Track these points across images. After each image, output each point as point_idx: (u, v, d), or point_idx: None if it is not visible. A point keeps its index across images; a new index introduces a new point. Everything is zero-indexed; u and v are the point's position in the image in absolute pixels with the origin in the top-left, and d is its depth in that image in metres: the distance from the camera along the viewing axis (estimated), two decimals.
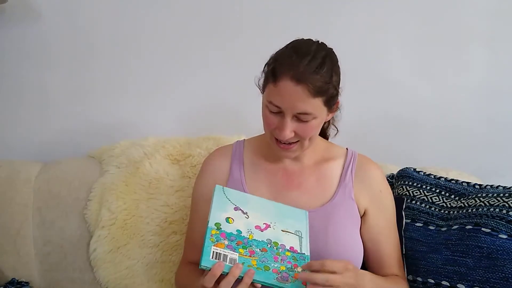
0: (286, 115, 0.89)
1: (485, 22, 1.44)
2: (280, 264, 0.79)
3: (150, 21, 1.45)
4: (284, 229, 0.85)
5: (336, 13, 1.45)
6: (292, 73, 0.86)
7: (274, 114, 0.91)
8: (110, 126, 1.48)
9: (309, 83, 0.86)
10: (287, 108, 0.88)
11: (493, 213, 1.02)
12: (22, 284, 1.17)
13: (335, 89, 0.92)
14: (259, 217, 0.85)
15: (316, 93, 0.87)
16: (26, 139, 1.48)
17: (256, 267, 0.77)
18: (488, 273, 0.96)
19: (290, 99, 0.87)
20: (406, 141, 1.51)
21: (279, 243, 0.83)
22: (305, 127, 0.91)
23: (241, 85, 1.25)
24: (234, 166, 1.04)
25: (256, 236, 0.82)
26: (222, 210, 0.84)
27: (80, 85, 1.47)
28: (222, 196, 0.86)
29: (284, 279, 0.78)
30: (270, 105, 0.91)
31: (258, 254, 0.79)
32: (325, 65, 0.89)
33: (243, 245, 0.79)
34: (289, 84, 0.87)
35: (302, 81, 0.86)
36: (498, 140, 1.49)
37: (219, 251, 0.77)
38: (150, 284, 1.17)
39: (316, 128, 0.93)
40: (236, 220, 0.83)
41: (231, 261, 0.76)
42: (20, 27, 1.43)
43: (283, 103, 0.88)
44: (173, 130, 1.47)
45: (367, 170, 1.04)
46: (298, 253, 0.82)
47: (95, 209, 1.21)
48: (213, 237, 0.79)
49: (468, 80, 1.47)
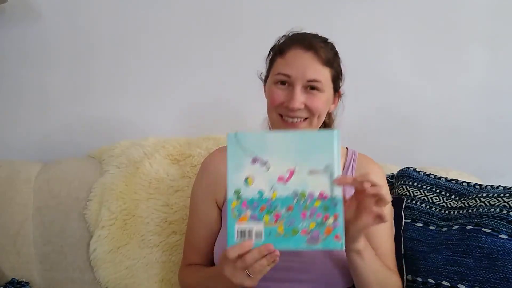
0: (296, 84, 0.89)
1: (485, 22, 1.45)
2: (310, 220, 0.73)
3: (150, 21, 1.45)
4: (312, 169, 0.74)
5: (336, 13, 1.45)
6: (301, 42, 0.90)
7: (282, 89, 0.91)
8: (110, 126, 1.48)
9: (319, 50, 0.89)
10: (297, 75, 0.89)
11: (493, 213, 1.01)
12: (22, 284, 1.17)
13: (340, 68, 0.95)
14: (282, 161, 0.75)
15: (325, 61, 0.90)
16: (26, 139, 1.48)
17: (283, 234, 0.73)
18: (488, 273, 0.96)
19: (300, 66, 0.89)
20: (406, 141, 1.50)
21: (307, 192, 0.74)
22: (314, 99, 0.90)
23: (241, 85, 1.26)
24: None
25: (280, 192, 0.74)
26: (239, 169, 0.75)
27: (80, 85, 1.47)
28: (236, 147, 0.75)
29: (314, 240, 0.73)
30: (278, 76, 0.91)
31: (284, 216, 0.74)
32: (328, 42, 0.93)
33: (267, 210, 0.74)
34: (298, 51, 0.89)
35: (311, 48, 0.89)
36: (498, 140, 1.49)
37: (244, 228, 0.73)
38: (150, 284, 1.17)
39: (324, 104, 0.92)
40: (256, 177, 0.75)
41: (257, 235, 0.73)
42: (20, 27, 1.43)
43: (293, 71, 0.89)
44: (173, 130, 1.46)
45: (368, 168, 1.03)
46: (329, 199, 0.73)
47: (95, 209, 1.21)
48: (234, 211, 0.74)
49: (468, 80, 1.47)
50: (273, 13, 1.45)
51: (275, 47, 0.97)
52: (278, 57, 0.94)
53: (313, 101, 0.90)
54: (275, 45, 0.97)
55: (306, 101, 0.90)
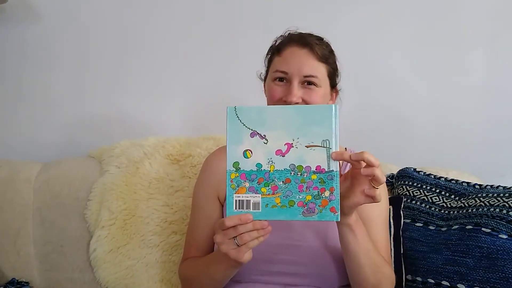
0: (293, 79, 0.93)
1: (485, 22, 1.44)
2: (306, 193, 0.75)
3: (150, 22, 1.45)
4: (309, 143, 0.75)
5: (336, 13, 1.45)
6: (297, 40, 0.94)
7: (281, 85, 0.95)
8: (110, 126, 1.48)
9: (314, 47, 0.93)
10: (294, 71, 0.93)
11: (493, 213, 1.02)
12: (22, 284, 1.17)
13: (335, 64, 0.98)
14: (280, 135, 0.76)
15: (320, 57, 0.93)
16: (26, 139, 1.48)
17: (280, 205, 0.75)
18: (488, 273, 0.96)
19: (297, 62, 0.93)
20: (406, 141, 1.50)
21: (304, 165, 0.75)
22: (311, 93, 0.93)
23: (241, 85, 1.26)
24: None
25: (277, 165, 0.76)
26: (238, 142, 0.76)
27: (80, 85, 1.47)
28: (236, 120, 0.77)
29: (311, 211, 0.74)
30: (276, 73, 0.95)
31: (281, 188, 0.75)
32: (324, 40, 0.98)
33: (265, 182, 0.76)
34: (294, 49, 0.94)
35: (307, 45, 0.93)
36: (498, 140, 1.49)
37: (242, 198, 0.75)
38: (150, 284, 1.17)
39: (321, 98, 0.95)
40: (254, 151, 0.76)
41: (255, 206, 0.75)
42: (20, 27, 1.43)
43: (290, 67, 0.93)
44: (173, 130, 1.47)
45: None
46: (326, 172, 0.75)
47: (95, 209, 1.21)
48: (233, 182, 0.76)
49: (468, 80, 1.47)
50: (273, 13, 1.45)
51: (273, 47, 1.01)
52: (276, 55, 0.98)
53: (310, 95, 0.93)
54: (273, 45, 1.01)
55: (303, 95, 0.93)
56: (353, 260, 0.84)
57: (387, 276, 0.89)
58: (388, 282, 0.90)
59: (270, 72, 0.99)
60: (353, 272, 0.86)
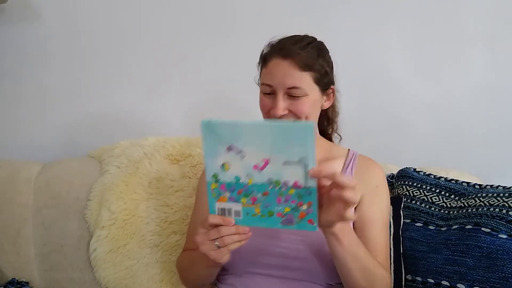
0: (278, 92, 0.94)
1: (485, 22, 1.44)
2: (284, 205, 0.75)
3: (150, 21, 1.45)
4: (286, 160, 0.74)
5: (335, 12, 1.45)
6: (279, 51, 0.94)
7: (268, 96, 0.96)
8: (110, 126, 1.48)
9: (295, 57, 0.92)
10: (277, 84, 0.93)
11: (493, 213, 1.02)
12: (22, 284, 1.17)
13: (323, 68, 0.96)
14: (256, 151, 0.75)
15: (303, 66, 0.92)
16: (26, 139, 1.48)
17: (260, 214, 0.77)
18: (488, 272, 0.96)
19: (279, 75, 0.93)
20: (406, 141, 1.50)
21: (281, 180, 0.75)
22: (297, 104, 0.94)
23: (241, 85, 1.26)
24: None
25: (256, 179, 0.76)
26: (215, 155, 0.76)
27: (80, 85, 1.47)
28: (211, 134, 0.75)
29: (289, 222, 0.76)
30: (263, 86, 0.97)
31: (260, 200, 0.76)
32: (310, 46, 0.95)
33: (244, 194, 0.77)
34: (277, 61, 0.94)
35: (288, 55, 0.92)
36: (498, 140, 1.49)
37: (223, 206, 0.77)
38: (150, 284, 1.17)
39: (310, 106, 0.95)
40: (232, 164, 0.76)
41: (236, 214, 0.77)
42: (20, 27, 1.43)
43: (273, 80, 0.94)
44: (173, 130, 1.47)
45: (368, 168, 1.05)
46: (303, 188, 0.74)
47: (95, 209, 1.21)
48: (214, 191, 0.77)
49: (468, 80, 1.47)
50: (273, 11, 1.45)
51: (261, 55, 1.01)
52: (263, 67, 0.99)
53: (296, 106, 0.94)
54: (261, 53, 1.02)
55: (289, 106, 0.94)
56: (340, 264, 0.86)
57: (380, 278, 0.90)
58: (383, 284, 0.91)
59: (260, 83, 1.00)
60: (342, 274, 0.88)
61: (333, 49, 1.00)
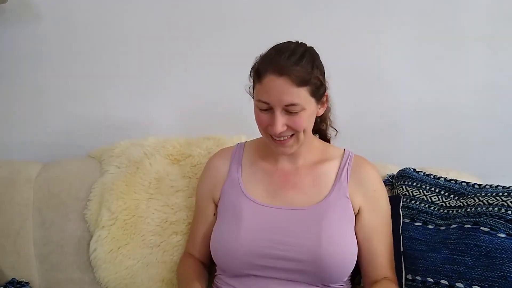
0: (275, 109, 0.92)
1: (485, 22, 1.44)
2: None
3: (149, 21, 1.46)
4: None
5: (333, 13, 1.45)
6: (274, 68, 0.91)
7: (265, 112, 0.95)
8: (110, 126, 1.48)
9: (291, 73, 0.90)
10: (274, 102, 0.92)
11: (492, 212, 1.02)
12: (22, 284, 1.17)
13: (319, 80, 0.95)
14: None
15: (299, 82, 0.91)
16: (26, 139, 1.48)
17: None
18: (486, 271, 0.96)
19: (275, 93, 0.91)
20: (406, 141, 1.50)
21: None
22: (295, 119, 0.93)
23: (241, 85, 1.25)
24: (233, 167, 1.09)
25: None
26: None
27: (79, 85, 1.47)
28: None
29: None
30: (259, 103, 0.94)
31: None
32: (304, 58, 0.93)
33: None
34: (272, 78, 0.91)
35: (283, 73, 0.90)
36: (498, 140, 1.49)
37: None
38: (150, 284, 1.17)
39: (307, 119, 0.95)
40: None
41: None
42: (19, 27, 1.43)
43: (270, 98, 0.92)
44: (173, 130, 1.47)
45: (363, 170, 1.06)
46: None
47: (95, 209, 1.21)
48: None
49: (468, 80, 1.47)
50: (272, 13, 1.45)
51: (254, 68, 0.97)
52: (257, 83, 0.95)
53: (294, 121, 0.93)
54: (254, 65, 0.98)
55: (287, 122, 0.93)
56: None
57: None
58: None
59: (255, 98, 0.97)
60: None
61: (331, 49, 1.00)
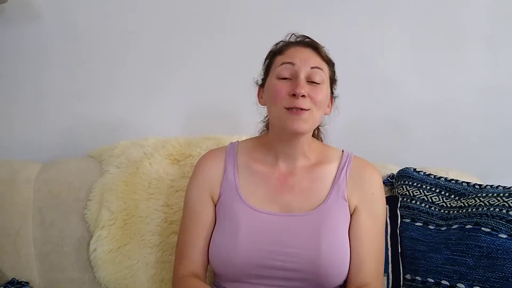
0: (300, 72, 0.93)
1: (485, 22, 1.45)
2: None
3: (150, 21, 1.45)
4: None
5: (334, 13, 1.45)
6: (299, 42, 0.95)
7: (286, 82, 0.93)
8: (110, 126, 1.48)
9: (318, 47, 0.95)
10: (300, 63, 0.93)
11: (493, 212, 1.02)
12: (22, 284, 1.17)
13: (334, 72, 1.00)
14: None
15: (323, 57, 0.95)
16: (26, 139, 1.48)
17: None
18: (488, 272, 0.96)
19: (302, 56, 0.94)
20: (406, 141, 1.51)
21: None
22: (317, 90, 0.93)
23: (241, 85, 1.26)
24: (228, 168, 1.04)
25: None
26: None
27: (79, 85, 1.47)
28: None
29: None
30: (282, 66, 0.94)
31: None
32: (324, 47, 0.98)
33: None
34: (298, 48, 0.95)
35: (310, 45, 0.95)
36: (498, 140, 1.50)
37: None
38: (150, 284, 1.16)
39: (324, 97, 0.95)
40: None
41: None
42: (19, 27, 1.43)
43: (296, 59, 0.93)
44: (173, 130, 1.46)
45: (364, 172, 1.03)
46: None
47: (95, 209, 1.21)
48: None
49: (468, 80, 1.47)
50: (273, 13, 1.45)
51: (272, 51, 1.00)
52: (277, 56, 0.97)
53: (316, 93, 0.93)
54: (272, 49, 1.00)
55: (309, 91, 0.92)
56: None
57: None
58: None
59: (272, 70, 0.97)
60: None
61: (332, 49, 1.00)
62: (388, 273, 1.08)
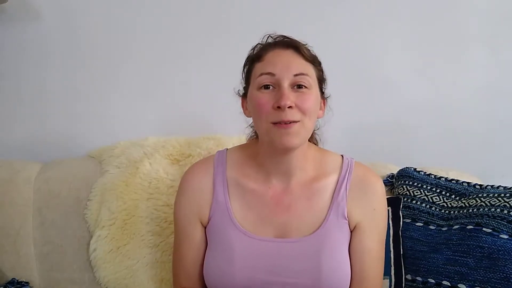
0: (282, 81, 0.83)
1: (485, 22, 1.44)
2: None
3: (150, 21, 1.45)
4: None
5: (333, 12, 1.44)
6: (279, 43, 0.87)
7: (268, 92, 0.85)
8: (110, 126, 1.48)
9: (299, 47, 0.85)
10: (281, 72, 0.83)
11: (494, 213, 1.02)
12: (22, 284, 1.17)
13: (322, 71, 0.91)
14: None
15: (308, 58, 0.86)
16: (26, 139, 1.48)
17: None
18: (489, 273, 0.96)
19: (283, 61, 0.84)
20: (406, 141, 1.50)
21: None
22: (304, 97, 0.84)
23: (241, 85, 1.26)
24: (218, 187, 0.95)
25: None
26: None
27: (79, 85, 1.47)
28: None
29: None
30: (261, 77, 0.85)
31: None
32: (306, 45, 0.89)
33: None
34: (277, 51, 0.86)
35: (290, 46, 0.85)
36: (498, 140, 1.49)
37: None
38: (150, 284, 1.17)
39: (314, 102, 0.86)
40: None
41: None
42: (20, 27, 1.43)
43: (276, 68, 0.84)
44: (173, 130, 1.46)
45: (365, 184, 0.94)
46: None
47: (95, 209, 1.21)
48: None
49: (468, 80, 1.47)
50: (271, 13, 1.44)
51: (250, 56, 0.91)
52: (256, 63, 0.88)
53: (303, 100, 0.83)
54: (250, 54, 0.91)
55: (296, 100, 0.83)
56: None
57: None
58: None
59: (252, 81, 0.88)
60: None
61: (331, 49, 0.99)
62: (391, 276, 1.08)
